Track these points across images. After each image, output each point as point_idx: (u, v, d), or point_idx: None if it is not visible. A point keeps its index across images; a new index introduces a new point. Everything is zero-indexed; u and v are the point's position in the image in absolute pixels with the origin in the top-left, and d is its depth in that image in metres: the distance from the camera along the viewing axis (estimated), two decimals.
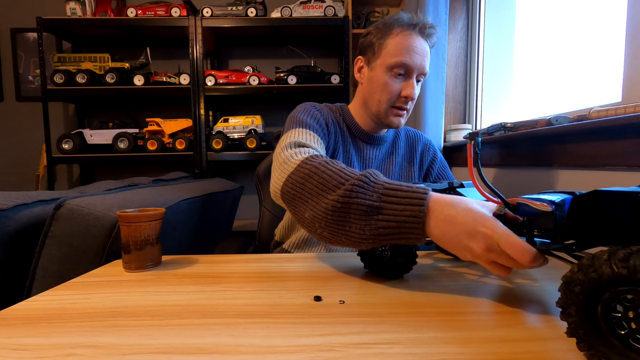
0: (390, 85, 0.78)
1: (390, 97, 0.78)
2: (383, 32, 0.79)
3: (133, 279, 0.52)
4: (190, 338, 0.34)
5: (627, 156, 0.64)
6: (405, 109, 0.81)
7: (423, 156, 0.94)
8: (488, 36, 1.48)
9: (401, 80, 0.78)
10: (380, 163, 0.89)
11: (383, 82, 0.78)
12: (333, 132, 0.82)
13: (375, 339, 0.33)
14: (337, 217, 0.47)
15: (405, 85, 0.77)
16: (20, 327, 0.37)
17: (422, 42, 0.78)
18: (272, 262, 0.60)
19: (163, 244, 0.61)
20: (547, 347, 0.31)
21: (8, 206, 0.69)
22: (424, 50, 0.78)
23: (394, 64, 0.76)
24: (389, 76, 0.77)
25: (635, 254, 0.24)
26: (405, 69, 0.76)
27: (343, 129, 0.86)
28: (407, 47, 0.76)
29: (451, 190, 0.53)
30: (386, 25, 0.79)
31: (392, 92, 0.78)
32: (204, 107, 2.02)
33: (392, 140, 0.92)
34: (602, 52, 0.99)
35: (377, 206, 0.45)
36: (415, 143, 0.95)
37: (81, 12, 1.99)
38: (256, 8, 1.98)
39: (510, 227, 0.39)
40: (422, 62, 0.77)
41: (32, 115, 2.31)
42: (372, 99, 0.81)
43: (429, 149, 0.95)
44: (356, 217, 0.45)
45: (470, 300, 0.42)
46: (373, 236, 0.44)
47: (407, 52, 0.75)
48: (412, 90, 0.77)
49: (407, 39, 0.76)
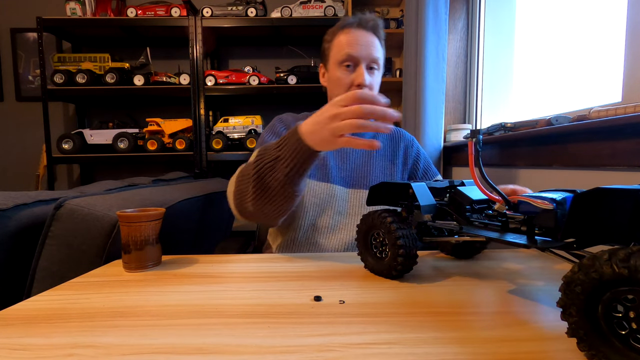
0: (342, 78, 0.84)
1: (345, 88, 0.84)
2: (331, 37, 0.88)
3: (133, 279, 0.52)
4: (190, 338, 0.34)
5: (627, 156, 0.64)
6: None
7: (407, 153, 0.94)
8: (488, 36, 1.48)
9: (352, 72, 0.84)
10: (357, 162, 0.89)
11: (337, 78, 0.85)
12: None
13: (375, 339, 0.33)
14: (261, 185, 0.61)
15: (356, 75, 0.83)
16: (20, 327, 0.37)
17: (365, 34, 0.84)
18: (272, 262, 0.60)
19: (163, 244, 0.61)
20: (547, 347, 0.31)
21: (8, 206, 0.69)
22: (368, 40, 0.84)
23: (341, 58, 0.84)
24: (340, 71, 0.85)
25: (636, 254, 0.24)
26: (351, 60, 0.83)
27: None
28: (349, 41, 0.83)
29: (452, 189, 0.53)
30: (332, 31, 0.89)
31: (345, 83, 0.84)
32: (204, 107, 2.02)
33: (372, 135, 0.93)
34: (602, 52, 0.99)
35: (276, 156, 0.59)
36: (397, 140, 0.95)
37: (81, 12, 1.99)
38: (256, 8, 1.98)
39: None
40: (368, 51, 0.83)
41: (32, 115, 2.31)
42: (334, 96, 0.86)
43: (412, 145, 0.96)
44: (270, 175, 0.60)
45: (470, 300, 0.42)
46: (285, 176, 0.59)
47: (349, 45, 0.83)
48: (361, 77, 0.82)
49: (348, 35, 0.84)
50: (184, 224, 1.01)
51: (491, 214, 0.46)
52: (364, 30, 0.84)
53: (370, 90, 0.83)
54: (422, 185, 0.53)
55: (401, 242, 0.46)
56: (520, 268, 0.54)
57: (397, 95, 2.31)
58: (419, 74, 1.44)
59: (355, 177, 0.88)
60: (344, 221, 0.85)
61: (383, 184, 0.58)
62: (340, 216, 0.84)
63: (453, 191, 0.52)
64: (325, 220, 0.84)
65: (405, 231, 0.48)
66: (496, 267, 0.55)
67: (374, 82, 0.86)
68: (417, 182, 0.53)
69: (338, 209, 0.84)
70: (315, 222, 0.84)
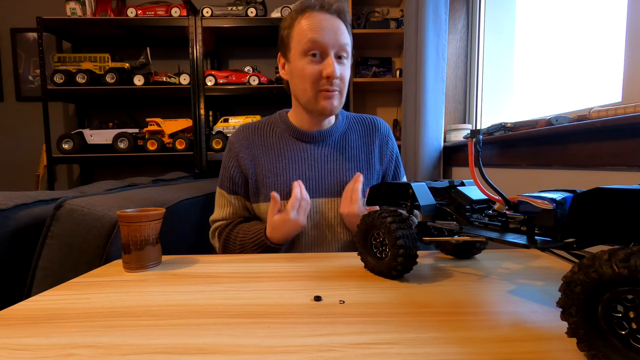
0: (308, 70, 0.74)
1: (312, 82, 0.74)
2: (289, 23, 0.77)
3: (133, 279, 0.52)
4: (190, 338, 0.34)
5: (627, 156, 0.64)
6: (334, 90, 0.76)
7: (382, 151, 0.87)
8: (488, 36, 1.48)
9: (319, 62, 0.74)
10: (328, 161, 0.82)
11: (301, 69, 0.74)
12: (262, 153, 0.82)
13: (375, 339, 0.33)
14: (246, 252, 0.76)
15: (324, 65, 0.73)
16: (20, 327, 0.37)
17: (330, 17, 0.74)
18: (272, 262, 0.60)
19: (163, 244, 0.61)
20: (547, 347, 0.31)
21: (8, 206, 0.69)
22: (334, 25, 0.74)
23: (305, 47, 0.73)
24: (305, 62, 0.74)
25: (636, 254, 0.24)
26: (317, 48, 0.73)
27: (282, 137, 0.83)
28: (312, 26, 0.73)
29: (452, 189, 0.53)
30: (290, 16, 0.77)
31: (312, 75, 0.74)
32: (204, 107, 2.02)
33: (342, 132, 0.85)
34: (602, 52, 0.99)
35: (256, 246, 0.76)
36: (372, 132, 0.87)
37: (81, 12, 1.99)
38: (256, 8, 1.98)
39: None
40: (335, 37, 0.73)
41: (32, 115, 2.31)
42: (299, 90, 0.77)
43: (387, 142, 0.88)
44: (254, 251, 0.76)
45: (470, 300, 0.42)
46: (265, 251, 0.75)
47: (313, 31, 0.72)
48: (331, 68, 0.72)
49: (310, 20, 0.73)
50: (184, 224, 1.01)
51: (491, 214, 0.46)
52: (328, 14, 0.74)
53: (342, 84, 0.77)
54: (422, 185, 0.53)
55: (401, 242, 0.46)
56: (520, 268, 0.54)
57: (397, 95, 2.31)
58: (419, 74, 1.44)
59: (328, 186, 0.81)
60: (323, 233, 0.80)
61: (383, 184, 0.58)
62: (317, 230, 0.80)
63: (453, 191, 0.52)
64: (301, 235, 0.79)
65: (405, 231, 0.48)
66: (496, 267, 0.55)
67: (345, 74, 0.77)
68: (417, 182, 0.53)
69: (314, 222, 0.80)
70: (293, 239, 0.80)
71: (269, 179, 0.80)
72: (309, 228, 0.80)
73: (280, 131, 0.84)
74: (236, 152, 0.83)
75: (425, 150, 1.45)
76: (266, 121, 0.87)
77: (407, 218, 0.50)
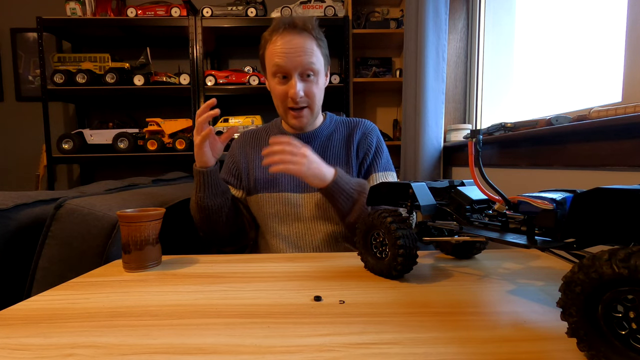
0: (278, 90, 0.82)
1: (281, 100, 0.83)
2: (263, 44, 0.84)
3: (133, 279, 0.52)
4: (190, 338, 0.34)
5: (627, 156, 0.64)
6: (300, 108, 0.83)
7: (360, 145, 0.89)
8: (488, 36, 1.48)
9: (285, 83, 0.81)
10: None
11: (273, 88, 0.83)
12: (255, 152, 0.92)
13: (375, 339, 0.33)
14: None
15: (289, 86, 0.80)
16: (20, 327, 0.37)
17: (296, 37, 0.78)
18: (272, 262, 0.60)
19: (163, 244, 0.61)
20: (547, 347, 0.31)
21: (8, 206, 0.69)
22: (299, 46, 0.78)
23: (272, 70, 0.81)
24: (275, 82, 0.82)
25: (636, 254, 0.24)
26: (281, 72, 0.80)
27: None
28: (277, 51, 0.79)
29: (452, 189, 0.53)
30: (264, 37, 0.83)
31: (280, 95, 0.82)
32: None
33: (327, 135, 0.90)
34: (602, 52, 0.99)
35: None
36: (354, 131, 0.90)
37: (81, 12, 1.99)
38: (256, 8, 1.98)
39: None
40: (299, 59, 0.78)
41: (32, 115, 2.31)
42: (275, 106, 0.87)
43: (366, 137, 0.90)
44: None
45: (470, 300, 0.42)
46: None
47: (277, 56, 0.79)
48: (293, 90, 0.79)
49: (276, 44, 0.79)
50: (184, 224, 1.01)
51: (491, 214, 0.46)
52: (294, 34, 0.78)
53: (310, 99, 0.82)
54: (422, 185, 0.53)
55: (401, 242, 0.46)
56: (520, 268, 0.54)
57: (397, 95, 2.31)
58: (419, 74, 1.44)
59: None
60: (306, 226, 0.85)
61: (383, 184, 0.58)
62: (299, 222, 0.85)
63: (453, 191, 0.52)
64: (286, 229, 0.85)
65: (405, 231, 0.48)
66: (496, 267, 0.55)
67: (312, 90, 0.81)
68: (417, 182, 0.53)
69: (296, 215, 0.85)
70: (278, 231, 0.86)
71: (257, 172, 0.89)
72: (291, 220, 0.85)
73: (272, 134, 0.93)
74: (233, 150, 0.96)
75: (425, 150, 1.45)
76: (264, 127, 0.98)
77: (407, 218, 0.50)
